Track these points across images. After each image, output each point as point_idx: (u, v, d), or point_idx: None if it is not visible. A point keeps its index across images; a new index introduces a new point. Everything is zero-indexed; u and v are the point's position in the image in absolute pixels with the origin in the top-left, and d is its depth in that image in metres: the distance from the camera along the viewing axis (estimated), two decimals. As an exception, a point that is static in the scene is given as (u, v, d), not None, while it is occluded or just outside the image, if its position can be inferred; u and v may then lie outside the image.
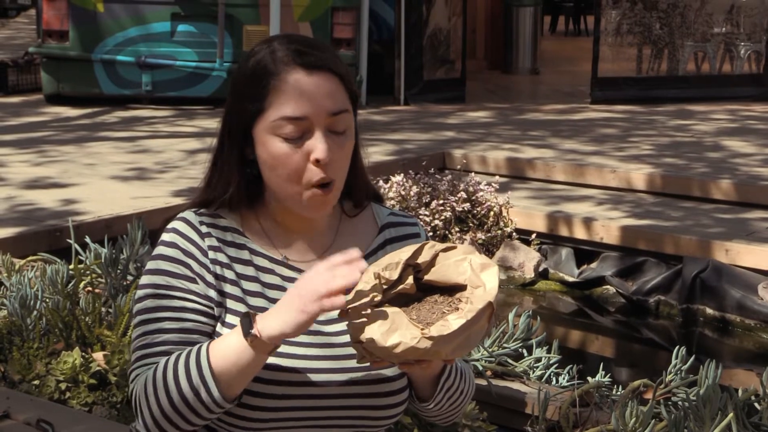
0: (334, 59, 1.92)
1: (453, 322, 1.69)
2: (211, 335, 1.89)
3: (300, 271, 1.97)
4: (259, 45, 1.96)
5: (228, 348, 1.79)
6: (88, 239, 4.54)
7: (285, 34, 2.01)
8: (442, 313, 1.74)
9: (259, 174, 1.94)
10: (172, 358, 1.82)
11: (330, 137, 1.89)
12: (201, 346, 1.81)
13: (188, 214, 1.97)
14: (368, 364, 1.80)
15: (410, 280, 1.79)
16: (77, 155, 8.56)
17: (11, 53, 12.80)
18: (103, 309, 4.02)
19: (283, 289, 1.94)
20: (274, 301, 1.91)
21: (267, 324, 1.76)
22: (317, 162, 1.87)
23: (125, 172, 7.92)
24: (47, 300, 4.02)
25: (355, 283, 1.72)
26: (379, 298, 1.74)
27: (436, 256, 1.80)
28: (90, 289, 4.27)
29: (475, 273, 1.75)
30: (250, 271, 1.95)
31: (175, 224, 1.96)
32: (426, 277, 1.80)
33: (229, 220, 1.97)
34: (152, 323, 1.89)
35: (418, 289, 1.80)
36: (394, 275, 1.77)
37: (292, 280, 1.95)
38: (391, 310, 1.74)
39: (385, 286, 1.76)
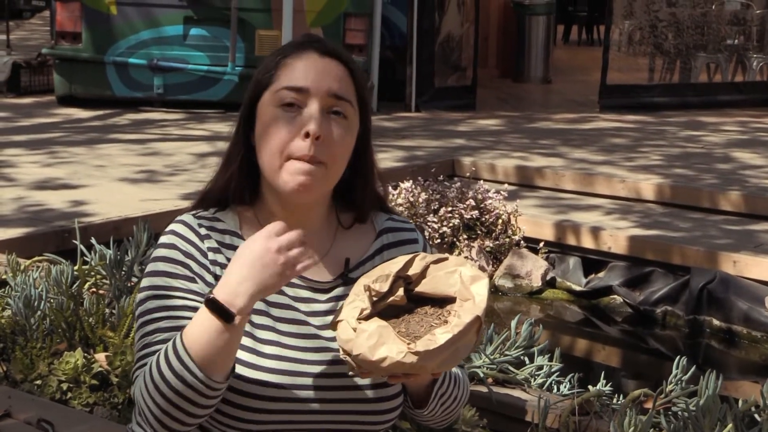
0: (350, 58, 1.95)
1: (440, 336, 1.68)
2: None
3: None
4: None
5: (203, 330, 1.78)
6: (93, 240, 4.55)
7: (312, 34, 2.04)
8: (431, 326, 1.73)
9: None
10: (160, 353, 1.82)
11: (327, 118, 1.89)
12: (177, 334, 1.81)
13: (186, 217, 1.98)
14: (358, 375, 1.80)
15: (401, 292, 1.78)
16: (87, 157, 8.57)
17: (24, 54, 12.81)
18: (107, 310, 4.02)
19: (280, 290, 1.94)
20: (271, 302, 1.92)
21: (237, 300, 1.77)
22: (307, 135, 1.87)
23: (135, 175, 7.93)
24: (51, 300, 4.03)
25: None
26: (368, 310, 1.74)
27: (427, 267, 1.79)
28: (94, 290, 4.28)
29: (464, 285, 1.74)
30: (248, 273, 1.95)
31: (173, 227, 1.97)
32: (417, 289, 1.79)
33: (227, 223, 1.98)
34: (152, 323, 1.89)
35: (410, 300, 1.79)
36: (384, 287, 1.77)
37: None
38: (379, 323, 1.74)
39: (375, 298, 1.76)
